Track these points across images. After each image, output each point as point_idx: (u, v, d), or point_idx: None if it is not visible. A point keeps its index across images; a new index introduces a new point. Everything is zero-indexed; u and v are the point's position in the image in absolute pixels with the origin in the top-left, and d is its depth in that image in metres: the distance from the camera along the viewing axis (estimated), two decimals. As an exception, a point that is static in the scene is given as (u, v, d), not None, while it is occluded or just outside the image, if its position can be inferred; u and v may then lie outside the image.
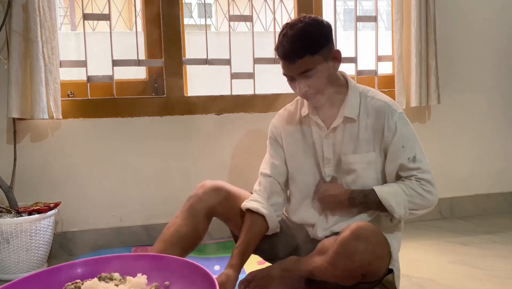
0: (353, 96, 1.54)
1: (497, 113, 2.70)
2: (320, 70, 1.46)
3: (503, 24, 2.67)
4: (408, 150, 1.49)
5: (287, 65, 1.47)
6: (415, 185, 1.47)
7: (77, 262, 1.37)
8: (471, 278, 1.77)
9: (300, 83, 1.47)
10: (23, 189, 2.12)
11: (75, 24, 6.10)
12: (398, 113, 1.51)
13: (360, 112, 1.53)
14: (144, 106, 2.25)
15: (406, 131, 1.51)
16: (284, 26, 1.49)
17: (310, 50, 1.43)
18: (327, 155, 1.57)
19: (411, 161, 1.49)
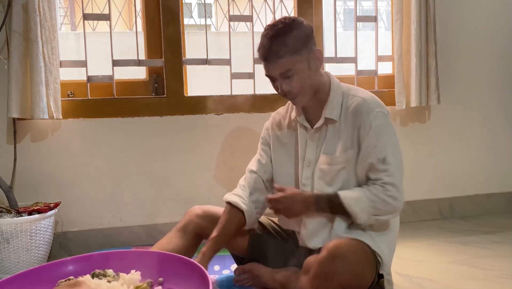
0: (335, 97, 1.54)
1: (497, 113, 2.70)
2: (300, 70, 1.47)
3: (503, 24, 2.67)
4: (380, 150, 1.44)
5: (267, 65, 1.49)
6: (379, 190, 1.42)
7: (71, 258, 1.38)
8: (471, 278, 1.77)
9: (282, 84, 1.49)
10: (23, 189, 2.12)
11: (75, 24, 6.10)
12: (376, 111, 1.47)
13: (341, 112, 1.52)
14: (144, 106, 2.25)
15: (381, 130, 1.46)
16: (266, 28, 1.51)
17: (289, 50, 1.44)
18: (309, 156, 1.56)
19: (381, 162, 1.43)
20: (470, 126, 2.66)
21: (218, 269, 1.88)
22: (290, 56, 1.44)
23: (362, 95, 1.52)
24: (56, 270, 1.33)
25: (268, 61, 1.47)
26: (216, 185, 2.32)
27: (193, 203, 2.28)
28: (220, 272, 1.83)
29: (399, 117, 2.55)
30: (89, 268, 1.34)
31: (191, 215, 1.66)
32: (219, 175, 2.32)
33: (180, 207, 2.29)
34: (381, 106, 1.50)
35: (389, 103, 2.51)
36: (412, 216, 2.58)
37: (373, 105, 1.48)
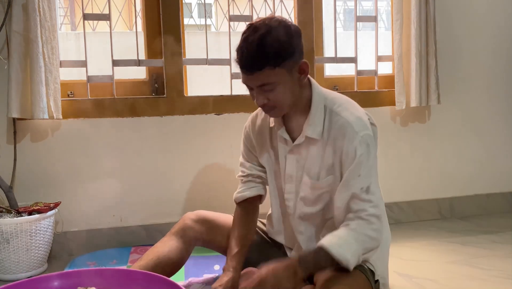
0: (317, 112, 1.41)
1: (497, 113, 2.70)
2: (282, 83, 1.33)
3: (503, 24, 2.66)
4: (364, 179, 1.34)
5: (245, 75, 1.34)
6: (364, 226, 1.32)
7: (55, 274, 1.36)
8: (471, 278, 1.77)
9: (259, 96, 1.35)
10: (23, 189, 2.12)
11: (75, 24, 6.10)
12: (360, 136, 1.34)
13: (324, 130, 1.40)
14: (144, 106, 2.25)
15: (365, 158, 1.34)
16: (246, 28, 1.35)
17: (271, 62, 1.29)
18: (289, 171, 1.49)
19: (364, 192, 1.33)
20: (470, 126, 2.66)
21: (218, 268, 1.88)
22: (272, 68, 1.29)
23: (347, 116, 1.38)
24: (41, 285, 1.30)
25: (246, 71, 1.33)
26: (216, 185, 2.32)
27: (193, 203, 2.29)
28: (219, 271, 1.84)
29: (399, 117, 2.55)
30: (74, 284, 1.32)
31: (185, 220, 1.65)
32: (219, 175, 2.32)
33: (180, 207, 2.30)
34: (366, 128, 1.38)
35: (389, 103, 2.51)
36: (412, 216, 2.58)
37: (358, 128, 1.36)
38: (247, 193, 1.62)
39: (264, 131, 1.57)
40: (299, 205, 1.50)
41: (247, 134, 1.65)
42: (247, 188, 1.63)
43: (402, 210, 2.57)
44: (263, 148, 1.59)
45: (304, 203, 1.49)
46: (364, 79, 2.55)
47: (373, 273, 1.43)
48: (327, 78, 2.54)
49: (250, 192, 1.62)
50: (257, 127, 1.60)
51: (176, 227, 1.64)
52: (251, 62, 1.30)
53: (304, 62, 1.38)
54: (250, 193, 1.62)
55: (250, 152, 1.65)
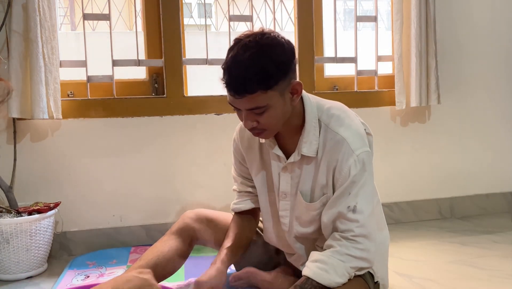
0: (311, 129, 1.34)
1: (497, 113, 2.70)
2: (273, 107, 1.24)
3: (503, 23, 2.67)
4: (352, 198, 1.29)
5: (233, 97, 1.24)
6: (350, 248, 1.28)
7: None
8: (471, 278, 1.77)
9: (247, 119, 1.27)
10: (23, 189, 2.12)
11: (75, 24, 6.10)
12: (355, 155, 1.29)
13: (319, 147, 1.34)
14: (144, 106, 2.25)
15: (359, 178, 1.29)
16: (236, 42, 1.24)
17: (263, 85, 1.19)
18: (283, 188, 1.44)
19: (351, 211, 1.29)
20: (470, 126, 2.66)
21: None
22: (264, 91, 1.20)
23: (343, 132, 1.32)
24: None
25: (235, 94, 1.22)
26: (216, 185, 2.32)
27: (193, 203, 2.29)
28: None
29: (399, 117, 2.55)
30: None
31: (184, 219, 1.64)
32: (219, 175, 2.32)
33: (180, 207, 2.30)
34: (363, 144, 1.32)
35: (389, 103, 2.51)
36: (412, 216, 2.58)
37: (354, 146, 1.30)
38: (242, 206, 1.62)
39: (254, 145, 1.52)
40: (294, 224, 1.47)
41: (237, 147, 1.60)
42: (242, 201, 1.63)
43: (402, 210, 2.57)
44: (253, 162, 1.54)
45: (300, 223, 1.45)
46: (364, 79, 2.55)
47: (372, 276, 1.43)
48: (327, 78, 2.54)
49: (245, 204, 1.62)
50: (246, 140, 1.54)
51: (176, 226, 1.63)
52: (241, 85, 1.20)
53: (297, 82, 1.28)
54: (245, 206, 1.61)
55: (241, 164, 1.62)
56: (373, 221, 1.34)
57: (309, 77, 2.42)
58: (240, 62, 1.20)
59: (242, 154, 1.58)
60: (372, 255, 1.33)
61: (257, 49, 1.20)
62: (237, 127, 1.59)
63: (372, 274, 1.42)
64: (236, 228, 1.58)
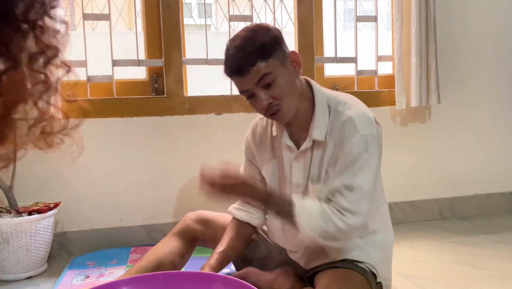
0: (321, 113, 1.37)
1: (497, 113, 2.70)
2: (279, 76, 1.30)
3: (503, 23, 2.67)
4: (350, 177, 1.30)
5: (240, 79, 1.31)
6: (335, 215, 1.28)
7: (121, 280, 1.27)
8: (471, 278, 1.77)
9: (261, 95, 1.30)
10: (23, 189, 2.11)
11: (75, 24, 6.09)
12: (360, 135, 1.30)
13: (328, 131, 1.36)
14: (144, 106, 2.25)
15: (359, 157, 1.30)
16: (228, 43, 1.37)
17: (261, 55, 1.28)
18: (296, 180, 1.44)
19: (346, 188, 1.29)
20: (470, 126, 2.66)
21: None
22: (264, 61, 1.28)
23: (350, 112, 1.34)
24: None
25: (240, 74, 1.30)
26: (216, 185, 2.32)
27: (193, 203, 2.28)
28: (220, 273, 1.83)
29: (399, 117, 2.55)
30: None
31: (185, 220, 1.65)
32: (219, 175, 2.32)
33: (180, 207, 2.29)
34: (370, 126, 1.33)
35: (389, 103, 2.51)
36: (412, 216, 2.58)
37: (359, 126, 1.31)
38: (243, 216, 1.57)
39: (265, 141, 1.53)
40: None
41: (248, 145, 1.61)
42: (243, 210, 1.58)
43: (402, 210, 2.57)
44: (264, 157, 1.54)
45: None
46: (364, 79, 2.55)
47: (375, 275, 1.43)
48: (327, 78, 2.54)
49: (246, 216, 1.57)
50: (258, 136, 1.56)
51: (177, 228, 1.64)
52: (241, 62, 1.29)
53: (293, 52, 1.36)
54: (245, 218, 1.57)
55: (252, 163, 1.61)
56: (366, 204, 1.31)
57: (309, 77, 2.40)
58: (235, 47, 1.32)
59: (253, 151, 1.58)
60: (349, 234, 1.31)
61: (246, 33, 1.34)
62: (250, 126, 1.61)
63: (374, 274, 1.42)
64: (231, 233, 1.56)
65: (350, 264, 1.40)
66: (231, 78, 1.34)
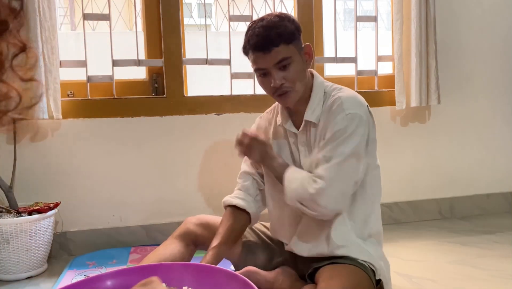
0: (316, 97, 1.47)
1: (497, 113, 2.70)
2: (295, 61, 1.41)
3: (503, 24, 2.67)
4: (330, 149, 1.38)
5: (261, 56, 1.40)
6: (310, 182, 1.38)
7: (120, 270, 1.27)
8: (471, 278, 1.77)
9: (275, 76, 1.40)
10: (23, 189, 2.12)
11: (75, 24, 6.10)
12: (345, 113, 1.39)
13: (321, 113, 1.46)
14: (144, 106, 2.25)
15: (341, 134, 1.38)
16: (252, 23, 1.45)
17: (285, 38, 1.39)
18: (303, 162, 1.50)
19: (325, 160, 1.38)
20: (470, 126, 2.66)
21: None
22: (286, 44, 1.39)
23: (341, 94, 1.44)
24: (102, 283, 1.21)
25: (263, 51, 1.39)
26: (216, 186, 2.32)
27: (193, 203, 2.30)
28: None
29: (399, 117, 2.55)
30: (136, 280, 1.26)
31: (186, 224, 1.65)
32: (219, 175, 2.32)
33: (180, 207, 2.30)
34: (357, 107, 1.41)
35: (389, 103, 2.51)
36: (412, 216, 2.58)
37: (346, 105, 1.40)
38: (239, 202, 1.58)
39: (270, 131, 1.60)
40: None
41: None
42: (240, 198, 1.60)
43: (402, 210, 2.57)
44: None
45: None
46: (364, 79, 2.55)
47: (374, 273, 1.43)
48: (327, 78, 2.50)
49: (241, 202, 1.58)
50: (262, 129, 1.64)
51: (178, 231, 1.64)
52: (267, 40, 1.38)
53: (308, 45, 1.47)
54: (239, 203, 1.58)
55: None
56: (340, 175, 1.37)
57: (309, 77, 2.42)
58: (261, 26, 1.40)
59: None
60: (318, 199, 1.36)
61: (272, 17, 1.42)
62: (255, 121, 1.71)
63: (373, 270, 1.43)
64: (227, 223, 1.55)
65: (351, 260, 1.40)
66: (252, 54, 1.42)
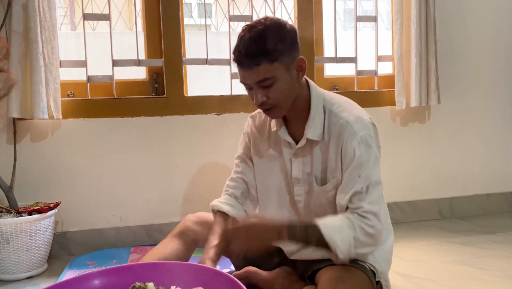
0: (317, 113, 1.40)
1: (497, 113, 2.70)
2: (280, 80, 1.32)
3: (503, 23, 2.67)
4: (363, 179, 1.33)
5: (242, 72, 1.33)
6: (359, 220, 1.31)
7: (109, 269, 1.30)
8: (471, 278, 1.77)
9: (257, 93, 1.33)
10: (23, 189, 2.12)
11: (75, 24, 6.10)
12: (359, 136, 1.34)
13: (324, 131, 1.40)
14: (144, 106, 2.25)
15: (365, 158, 1.34)
16: (244, 29, 1.35)
17: (268, 56, 1.28)
18: (296, 174, 1.46)
19: (364, 192, 1.33)
20: (470, 126, 2.66)
21: (218, 268, 1.88)
22: (270, 63, 1.29)
23: (346, 116, 1.38)
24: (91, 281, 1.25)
25: (244, 67, 1.31)
26: (216, 186, 2.31)
27: (193, 203, 2.30)
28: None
29: (399, 117, 2.55)
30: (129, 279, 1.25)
31: (185, 222, 1.64)
32: (219, 175, 2.32)
33: (180, 207, 2.30)
34: (365, 127, 1.37)
35: (389, 103, 2.52)
36: (412, 216, 2.58)
37: (357, 127, 1.35)
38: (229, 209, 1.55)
39: (264, 134, 1.55)
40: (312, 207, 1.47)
41: (246, 133, 1.63)
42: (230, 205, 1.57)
43: (402, 210, 2.57)
44: (260, 148, 1.56)
45: (315, 208, 1.46)
46: (364, 79, 2.55)
47: (375, 274, 1.43)
48: (327, 78, 2.54)
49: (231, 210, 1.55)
50: (256, 129, 1.59)
51: (177, 229, 1.63)
52: (249, 57, 1.29)
53: (301, 58, 1.37)
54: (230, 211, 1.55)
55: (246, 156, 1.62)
56: (382, 202, 1.38)
57: (309, 77, 2.37)
58: (247, 38, 1.30)
59: (250, 141, 1.60)
60: (379, 234, 1.33)
61: (262, 27, 1.31)
62: (249, 117, 1.64)
63: (374, 272, 1.42)
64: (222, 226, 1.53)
65: (351, 262, 1.40)
66: (236, 66, 1.35)
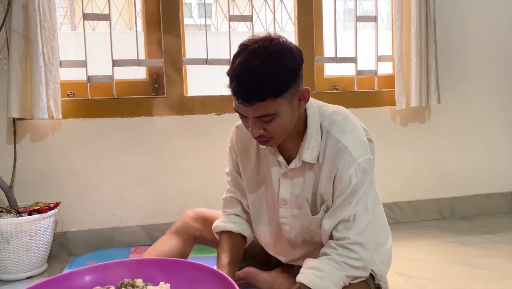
0: (313, 135, 1.30)
1: (497, 113, 2.70)
2: (281, 114, 1.20)
3: (503, 23, 2.67)
4: (353, 207, 1.27)
5: (241, 105, 1.19)
6: (346, 256, 1.26)
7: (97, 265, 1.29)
8: (471, 278, 1.77)
9: (254, 127, 1.22)
10: (23, 189, 2.12)
11: (75, 24, 6.10)
12: (356, 164, 1.26)
13: (320, 154, 1.31)
14: (144, 106, 2.25)
15: (359, 187, 1.27)
16: (243, 48, 1.19)
17: (274, 93, 1.15)
18: (283, 195, 1.39)
19: (351, 220, 1.27)
20: (470, 126, 2.66)
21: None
22: (274, 99, 1.16)
23: (345, 139, 1.28)
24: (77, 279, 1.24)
25: (244, 102, 1.17)
26: (216, 186, 2.31)
27: (193, 203, 2.29)
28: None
29: (399, 117, 2.55)
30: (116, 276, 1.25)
31: (184, 218, 1.63)
32: (219, 175, 2.31)
33: (180, 207, 2.29)
34: (365, 152, 1.29)
35: (389, 103, 2.52)
36: (412, 216, 2.58)
37: (355, 154, 1.27)
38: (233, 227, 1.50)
39: (251, 149, 1.45)
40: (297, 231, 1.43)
41: (232, 147, 1.52)
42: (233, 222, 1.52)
43: (402, 210, 2.57)
44: (247, 165, 1.47)
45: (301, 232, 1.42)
46: (364, 79, 2.55)
47: (374, 277, 1.43)
48: (327, 78, 2.54)
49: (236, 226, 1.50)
50: (242, 142, 1.47)
51: (176, 226, 1.62)
52: (252, 93, 1.15)
53: (306, 90, 1.25)
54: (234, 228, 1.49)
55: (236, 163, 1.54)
56: (371, 230, 1.31)
57: (309, 77, 2.42)
58: (249, 69, 1.15)
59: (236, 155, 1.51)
60: (367, 264, 1.31)
61: (267, 56, 1.16)
62: (233, 127, 1.52)
63: (373, 275, 1.42)
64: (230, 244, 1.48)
65: None
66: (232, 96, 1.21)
